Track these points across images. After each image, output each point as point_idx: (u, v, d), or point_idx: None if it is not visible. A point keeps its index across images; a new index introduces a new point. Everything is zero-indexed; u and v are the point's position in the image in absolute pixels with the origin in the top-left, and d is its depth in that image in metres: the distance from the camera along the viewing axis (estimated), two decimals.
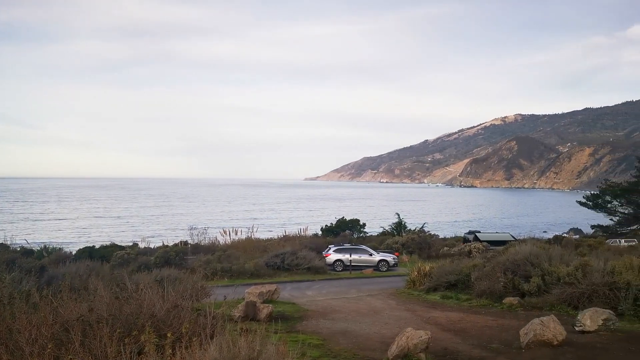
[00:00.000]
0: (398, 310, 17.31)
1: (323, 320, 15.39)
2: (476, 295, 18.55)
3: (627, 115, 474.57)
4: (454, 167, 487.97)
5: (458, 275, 20.86)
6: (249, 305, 15.05)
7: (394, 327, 13.79)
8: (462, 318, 15.27)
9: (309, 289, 23.80)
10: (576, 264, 16.88)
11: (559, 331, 11.03)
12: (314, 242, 38.34)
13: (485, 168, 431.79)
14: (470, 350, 11.20)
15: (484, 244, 39.17)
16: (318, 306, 18.15)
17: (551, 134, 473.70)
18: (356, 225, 51.57)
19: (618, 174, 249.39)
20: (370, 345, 12.00)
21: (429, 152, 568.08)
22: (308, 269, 29.03)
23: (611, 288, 14.79)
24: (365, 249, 33.69)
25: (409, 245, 40.72)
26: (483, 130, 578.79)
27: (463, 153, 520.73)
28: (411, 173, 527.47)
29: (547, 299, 16.12)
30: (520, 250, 19.90)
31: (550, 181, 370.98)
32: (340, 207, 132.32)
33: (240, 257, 29.58)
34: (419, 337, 10.25)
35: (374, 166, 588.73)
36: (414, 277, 22.77)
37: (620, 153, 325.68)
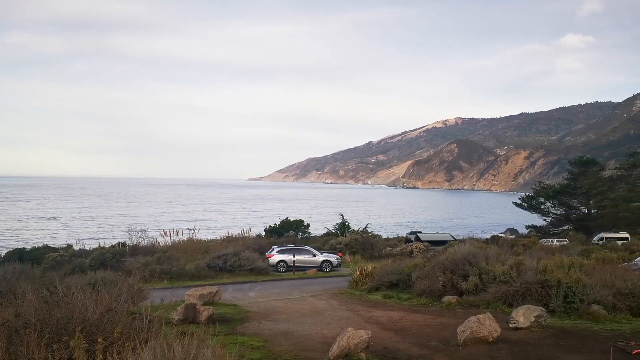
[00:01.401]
0: (340, 311, 17.35)
1: (265, 321, 15.22)
2: (417, 295, 18.87)
3: (560, 120, 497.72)
4: (397, 169, 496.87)
5: (399, 275, 21.17)
6: (189, 307, 14.69)
7: (335, 327, 13.80)
8: (402, 317, 15.46)
9: (251, 290, 23.53)
10: (511, 263, 17.43)
11: (494, 328, 11.34)
12: (258, 243, 37.99)
13: (427, 170, 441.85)
14: (409, 349, 11.34)
15: (425, 244, 39.99)
16: (260, 307, 17.96)
17: (490, 137, 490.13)
18: (300, 226, 51.52)
19: (551, 176, 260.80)
20: (312, 345, 11.95)
21: (373, 153, 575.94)
22: (251, 270, 28.72)
23: (543, 286, 15.36)
24: (309, 250, 33.70)
25: (353, 245, 41.00)
26: (425, 133, 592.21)
27: (406, 155, 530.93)
28: (355, 174, 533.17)
29: (484, 297, 16.56)
30: (459, 250, 20.39)
31: (489, 183, 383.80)
32: (284, 208, 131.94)
33: (181, 258, 28.90)
34: (360, 336, 10.29)
35: (318, 167, 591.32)
36: (357, 277, 22.93)
37: (554, 156, 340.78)
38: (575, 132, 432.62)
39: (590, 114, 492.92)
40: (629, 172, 72.15)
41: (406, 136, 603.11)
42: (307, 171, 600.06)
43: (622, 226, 59.48)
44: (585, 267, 17.45)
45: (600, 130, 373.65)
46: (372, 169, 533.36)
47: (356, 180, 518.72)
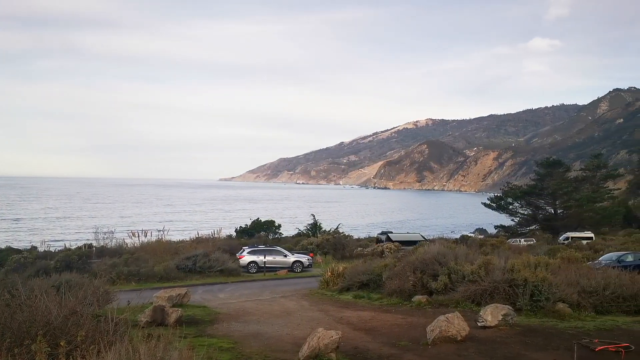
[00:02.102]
0: (311, 311, 17.32)
1: (235, 323, 15.09)
2: (387, 294, 18.97)
3: (528, 122, 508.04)
4: (369, 169, 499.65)
5: (370, 275, 21.25)
6: (157, 309, 14.45)
7: (306, 328, 13.75)
8: (373, 317, 15.51)
9: (221, 291, 23.31)
10: (480, 262, 17.65)
11: (463, 327, 11.46)
12: (228, 244, 37.71)
13: (399, 170, 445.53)
14: (379, 349, 11.37)
15: (396, 244, 40.28)
16: (230, 309, 17.80)
17: (459, 139, 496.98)
18: (271, 227, 51.38)
19: (519, 177, 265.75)
20: (282, 346, 11.89)
21: (345, 154, 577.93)
22: (221, 271, 28.47)
23: (511, 285, 15.59)
24: (280, 251, 33.58)
25: (324, 246, 41.02)
26: (396, 134, 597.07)
27: (377, 155, 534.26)
28: (327, 174, 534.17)
29: (453, 297, 16.74)
30: (429, 250, 20.57)
31: (459, 183, 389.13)
32: (255, 209, 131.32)
33: (150, 260, 28.45)
34: (330, 337, 10.26)
35: (290, 167, 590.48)
36: (328, 277, 22.92)
37: (521, 157, 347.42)
38: (542, 133, 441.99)
39: (556, 116, 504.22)
40: (594, 173, 74.11)
41: (377, 137, 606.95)
42: (279, 171, 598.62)
43: (587, 226, 61.00)
44: (551, 266, 17.77)
45: (566, 132, 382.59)
46: (343, 170, 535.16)
47: (328, 180, 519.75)
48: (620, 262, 24.56)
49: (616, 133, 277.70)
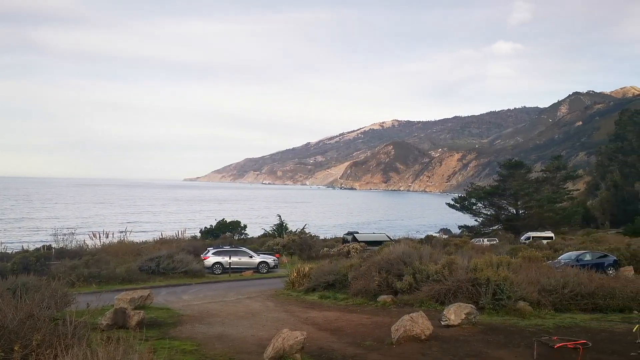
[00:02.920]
0: (276, 312, 17.23)
1: (199, 324, 14.89)
2: (353, 295, 19.03)
3: (491, 124, 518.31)
4: (335, 170, 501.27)
5: (336, 275, 21.29)
6: (118, 312, 14.14)
7: (271, 329, 13.67)
8: (338, 317, 15.52)
9: (185, 293, 22.99)
10: (443, 262, 17.88)
11: (427, 326, 11.57)
12: (193, 245, 37.24)
13: (365, 171, 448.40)
14: (345, 349, 11.38)
15: (362, 244, 40.47)
16: (194, 310, 17.56)
17: (425, 140, 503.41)
18: (237, 227, 50.98)
19: (482, 178, 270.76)
20: (247, 348, 11.79)
21: (311, 154, 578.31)
22: (185, 272, 28.06)
23: (474, 284, 15.83)
24: (246, 251, 33.33)
25: (290, 246, 40.91)
26: (362, 135, 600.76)
27: (344, 156, 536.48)
28: (293, 175, 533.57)
29: (418, 296, 16.89)
30: (394, 250, 20.73)
31: (424, 184, 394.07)
32: (221, 209, 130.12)
33: (111, 261, 27.83)
34: (295, 338, 10.22)
35: (256, 167, 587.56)
36: (294, 278, 22.88)
37: (485, 159, 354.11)
38: (505, 135, 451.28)
39: (518, 118, 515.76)
40: (554, 175, 76.10)
41: (344, 137, 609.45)
42: (245, 172, 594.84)
43: (547, 226, 62.55)
44: (512, 266, 18.10)
45: (528, 134, 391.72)
46: (310, 170, 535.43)
47: (294, 181, 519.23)
48: (579, 261, 25.21)
49: (575, 135, 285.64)
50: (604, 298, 15.22)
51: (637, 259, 26.68)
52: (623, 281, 17.23)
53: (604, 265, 25.16)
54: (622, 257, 27.17)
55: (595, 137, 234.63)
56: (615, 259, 26.36)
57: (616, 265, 25.57)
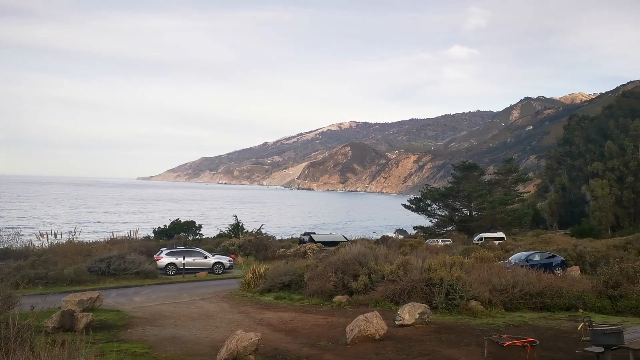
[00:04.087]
0: (231, 313, 17.01)
1: (150, 327, 14.53)
2: (308, 295, 18.99)
3: (446, 127, 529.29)
4: (293, 170, 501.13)
5: (292, 275, 21.22)
6: (65, 314, 13.65)
7: (225, 330, 13.48)
8: (294, 318, 15.45)
9: (137, 294, 22.43)
10: (398, 262, 18.05)
11: (381, 326, 11.63)
12: (145, 245, 36.43)
13: (322, 172, 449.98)
14: (299, 349, 11.32)
15: (318, 244, 40.48)
16: (146, 312, 17.14)
17: (382, 141, 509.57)
18: (191, 228, 50.26)
19: (437, 180, 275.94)
20: (200, 350, 11.58)
21: (269, 154, 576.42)
22: (137, 273, 27.38)
23: (428, 284, 16.04)
24: (200, 252, 32.86)
25: (246, 247, 40.62)
26: (320, 135, 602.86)
27: (301, 156, 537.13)
28: (250, 175, 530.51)
29: (373, 296, 17.00)
30: (350, 250, 20.82)
31: (380, 185, 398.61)
32: (175, 209, 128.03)
33: (59, 262, 26.86)
34: (249, 339, 10.10)
35: (212, 167, 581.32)
36: (249, 278, 22.69)
37: (440, 161, 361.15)
38: (459, 138, 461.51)
39: (472, 121, 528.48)
40: (506, 177, 78.30)
41: (302, 138, 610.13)
42: (201, 171, 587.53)
43: (499, 227, 64.20)
44: (465, 266, 18.40)
45: (481, 137, 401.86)
46: (267, 170, 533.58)
47: (251, 181, 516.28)
48: (528, 261, 25.90)
49: (526, 139, 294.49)
50: (551, 297, 15.65)
51: (583, 259, 27.60)
52: (569, 281, 17.78)
53: (552, 265, 25.93)
54: (569, 258, 28.09)
55: (545, 141, 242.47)
56: (562, 260, 27.23)
57: (563, 266, 26.41)
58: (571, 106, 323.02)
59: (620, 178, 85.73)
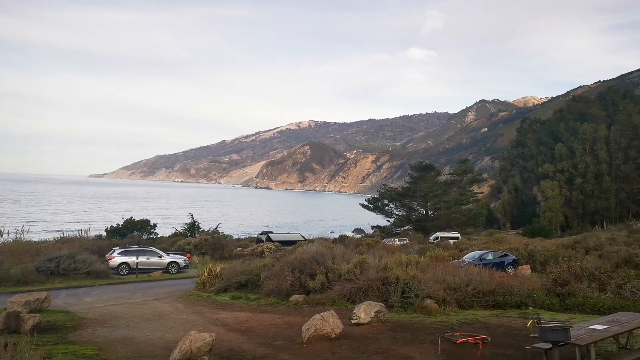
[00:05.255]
0: (185, 313, 16.73)
1: (101, 328, 14.13)
2: (265, 295, 18.87)
3: (404, 127, 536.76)
4: (251, 169, 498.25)
5: (248, 275, 21.07)
6: (11, 316, 13.12)
7: (179, 331, 13.23)
8: (249, 317, 15.31)
9: (87, 295, 21.82)
10: (355, 261, 18.13)
11: (337, 325, 11.64)
12: (97, 245, 35.58)
13: (281, 171, 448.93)
14: (254, 349, 11.21)
15: (276, 244, 40.34)
16: (96, 313, 16.67)
17: (340, 141, 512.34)
18: (146, 226, 49.32)
19: (395, 180, 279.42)
20: (152, 351, 11.31)
21: (226, 152, 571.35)
22: (88, 273, 26.65)
23: (384, 283, 16.17)
24: (155, 251, 32.27)
25: (202, 246, 40.12)
26: (279, 134, 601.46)
27: (260, 155, 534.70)
28: (207, 173, 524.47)
29: (330, 295, 17.02)
30: (308, 249, 20.78)
31: (339, 185, 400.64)
32: (129, 207, 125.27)
33: (5, 262, 25.86)
34: (203, 339, 9.93)
35: (168, 165, 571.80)
36: (204, 278, 22.42)
37: (397, 161, 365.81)
38: (416, 139, 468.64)
39: (430, 123, 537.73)
40: (461, 178, 79.90)
41: (260, 136, 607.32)
42: (156, 169, 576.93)
43: (454, 226, 65.53)
44: (421, 265, 18.67)
45: (438, 138, 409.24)
46: (225, 169, 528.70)
47: (208, 179, 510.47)
48: (482, 260, 26.44)
49: (481, 141, 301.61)
50: (503, 295, 16.01)
51: (533, 258, 28.38)
52: (520, 279, 18.25)
53: (504, 264, 26.57)
54: (520, 257, 28.85)
55: (499, 143, 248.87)
56: (514, 258, 27.94)
57: (515, 264, 27.09)
58: (524, 109, 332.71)
59: (570, 180, 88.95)
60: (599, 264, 19.03)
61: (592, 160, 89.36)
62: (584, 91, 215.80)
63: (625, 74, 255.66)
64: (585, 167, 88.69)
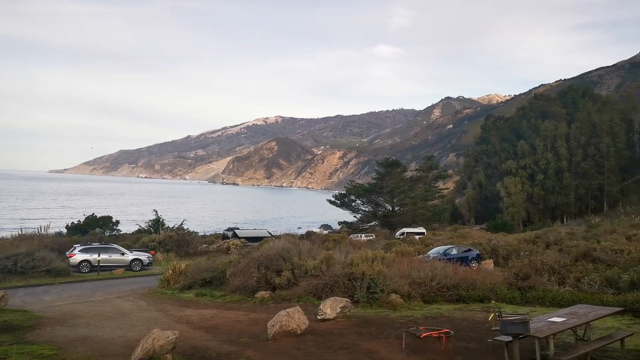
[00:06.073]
0: (149, 311, 16.45)
1: (60, 327, 13.76)
2: (230, 291, 18.70)
3: (371, 124, 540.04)
4: (217, 165, 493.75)
5: (214, 272, 20.88)
6: None
7: (142, 329, 12.99)
8: (214, 315, 15.16)
9: (46, 293, 21.26)
10: (322, 257, 18.13)
11: (303, 321, 11.61)
12: (57, 242, 34.76)
13: (247, 166, 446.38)
14: (219, 346, 11.09)
15: (242, 240, 40.09)
16: (56, 312, 16.25)
17: (307, 137, 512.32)
18: (108, 223, 48.43)
19: (362, 176, 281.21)
20: (114, 350, 11.07)
21: (192, 148, 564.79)
22: (47, 271, 25.98)
23: (350, 278, 16.22)
24: (117, 248, 31.71)
25: (167, 243, 39.64)
26: (246, 130, 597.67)
27: (226, 151, 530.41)
28: (172, 169, 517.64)
29: (296, 291, 16.98)
30: (274, 246, 20.70)
31: (306, 181, 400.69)
32: (91, 204, 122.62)
33: None
34: (166, 337, 9.76)
35: (132, 160, 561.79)
36: (169, 275, 22.11)
37: (365, 157, 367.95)
38: (383, 135, 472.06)
39: (396, 119, 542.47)
40: (426, 174, 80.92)
41: (227, 132, 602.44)
42: (119, 164, 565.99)
43: (420, 222, 66.32)
44: (386, 260, 18.79)
45: (404, 135, 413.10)
46: (190, 164, 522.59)
47: (173, 175, 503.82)
48: (446, 255, 26.84)
49: (447, 137, 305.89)
50: (466, 289, 16.25)
51: (496, 253, 28.91)
52: (483, 273, 18.56)
53: (468, 258, 27.02)
54: (484, 251, 29.37)
55: (464, 139, 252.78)
56: (477, 253, 28.44)
57: (478, 259, 27.57)
58: (488, 107, 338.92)
59: (532, 176, 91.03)
60: (558, 258, 19.50)
61: (553, 157, 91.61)
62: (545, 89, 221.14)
63: (584, 73, 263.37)
64: (547, 163, 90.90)
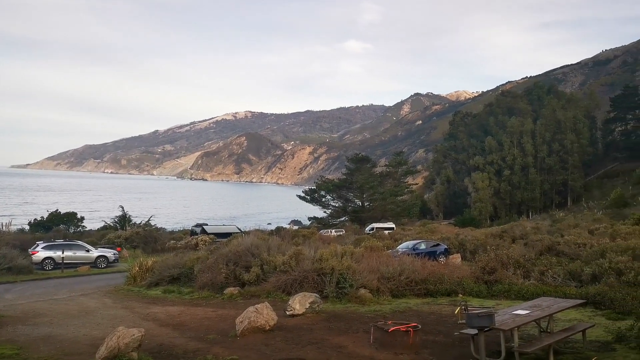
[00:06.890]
0: (114, 309, 16.16)
1: (22, 326, 13.41)
2: (199, 288, 18.52)
3: (341, 119, 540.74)
4: (185, 160, 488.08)
5: (181, 268, 20.66)
6: None
7: (107, 327, 12.74)
8: (182, 312, 14.99)
9: (8, 292, 20.65)
10: (291, 253, 18.10)
11: (271, 317, 11.57)
12: (19, 239, 33.99)
13: (216, 162, 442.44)
14: (186, 344, 10.97)
15: (211, 236, 39.73)
16: (17, 311, 15.81)
17: (277, 132, 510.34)
18: (72, 220, 47.44)
19: (332, 171, 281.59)
20: (78, 349, 10.85)
21: (160, 143, 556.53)
22: (9, 269, 25.31)
23: (319, 274, 16.23)
24: (82, 245, 31.14)
25: (134, 239, 39.08)
26: (215, 125, 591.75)
27: (194, 146, 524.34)
28: (140, 164, 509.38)
29: (265, 287, 16.91)
30: (243, 241, 20.59)
31: (276, 176, 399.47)
32: (55, 200, 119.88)
33: None
34: (132, 335, 9.60)
35: (97, 155, 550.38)
36: (135, 272, 21.76)
37: (335, 153, 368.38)
38: (353, 131, 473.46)
39: (366, 115, 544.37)
40: (396, 170, 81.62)
41: (195, 127, 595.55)
42: (84, 159, 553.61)
43: (389, 217, 66.85)
44: (355, 255, 18.86)
45: (374, 131, 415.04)
46: (158, 159, 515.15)
47: (140, 170, 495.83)
48: (415, 249, 27.04)
49: (416, 133, 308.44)
50: (434, 283, 16.43)
51: (464, 247, 29.33)
52: (451, 268, 18.80)
53: (436, 253, 27.32)
54: (451, 246, 29.77)
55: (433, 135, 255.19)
56: (445, 248, 28.79)
57: (446, 253, 27.90)
58: (456, 103, 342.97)
59: (499, 171, 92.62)
60: (524, 252, 19.85)
61: (519, 153, 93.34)
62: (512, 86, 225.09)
63: (550, 70, 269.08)
64: (513, 159, 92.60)
